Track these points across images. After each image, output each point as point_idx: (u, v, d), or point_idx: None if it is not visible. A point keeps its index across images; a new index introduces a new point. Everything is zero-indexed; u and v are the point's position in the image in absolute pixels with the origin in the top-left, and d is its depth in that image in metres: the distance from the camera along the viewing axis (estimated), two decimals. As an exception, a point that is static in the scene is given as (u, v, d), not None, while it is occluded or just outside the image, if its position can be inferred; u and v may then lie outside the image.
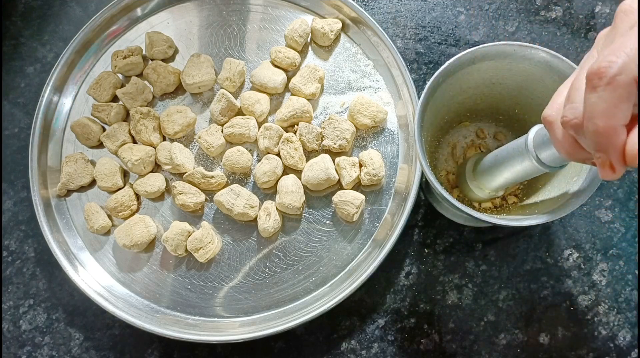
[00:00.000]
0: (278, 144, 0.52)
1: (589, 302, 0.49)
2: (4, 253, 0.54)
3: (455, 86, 0.43)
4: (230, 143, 0.54)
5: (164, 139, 0.55)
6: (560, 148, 0.29)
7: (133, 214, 0.52)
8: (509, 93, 0.44)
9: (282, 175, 0.52)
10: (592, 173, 0.37)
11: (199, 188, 0.52)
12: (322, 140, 0.52)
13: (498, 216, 0.45)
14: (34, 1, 0.63)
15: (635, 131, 0.23)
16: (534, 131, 0.34)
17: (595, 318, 0.49)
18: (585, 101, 0.24)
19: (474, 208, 0.48)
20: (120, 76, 0.57)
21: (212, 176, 0.51)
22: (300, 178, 0.51)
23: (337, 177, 0.50)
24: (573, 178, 0.39)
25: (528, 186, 0.47)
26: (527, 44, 0.39)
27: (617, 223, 0.51)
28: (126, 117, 0.56)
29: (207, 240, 0.50)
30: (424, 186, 0.52)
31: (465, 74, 0.42)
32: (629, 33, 0.24)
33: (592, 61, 0.24)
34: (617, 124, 0.23)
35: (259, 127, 0.53)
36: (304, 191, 0.51)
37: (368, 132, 0.53)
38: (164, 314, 0.50)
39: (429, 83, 0.39)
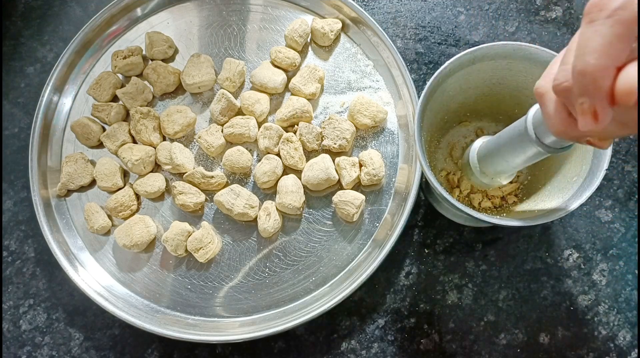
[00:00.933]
0: (278, 144, 0.52)
1: (589, 302, 0.49)
2: (4, 253, 0.54)
3: (455, 85, 0.43)
4: (230, 142, 0.54)
5: (164, 139, 0.55)
6: (552, 124, 0.26)
7: (133, 214, 0.52)
8: (509, 93, 0.44)
9: (282, 175, 0.52)
10: (592, 173, 0.37)
11: (199, 188, 0.52)
12: (322, 140, 0.52)
13: (498, 216, 0.45)
14: (34, 1, 0.63)
15: (630, 65, 0.20)
16: (533, 110, 0.33)
17: (595, 318, 0.49)
18: (579, 37, 0.22)
19: (473, 208, 0.48)
20: (120, 76, 0.57)
21: (212, 176, 0.51)
22: (300, 178, 0.51)
23: (337, 177, 0.50)
24: (573, 178, 0.39)
25: (528, 186, 0.47)
26: (527, 44, 0.39)
27: (617, 223, 0.51)
28: (126, 117, 0.56)
29: (207, 240, 0.50)
30: (424, 186, 0.52)
31: (465, 74, 0.42)
32: None
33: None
34: (610, 64, 0.21)
35: (259, 127, 0.53)
36: (304, 191, 0.51)
37: (368, 132, 0.53)
38: (164, 314, 0.50)
39: (429, 83, 0.39)
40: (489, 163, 0.41)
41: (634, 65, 0.20)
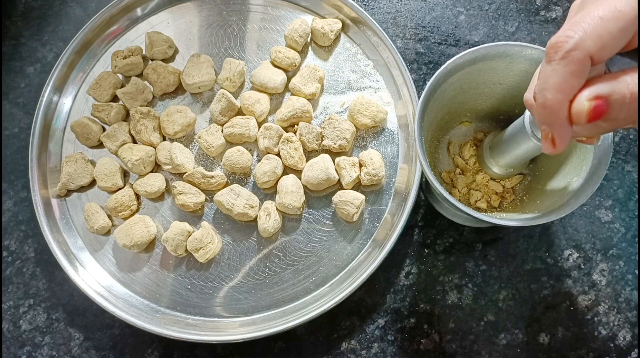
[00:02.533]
0: (278, 144, 0.52)
1: (589, 302, 0.49)
2: (4, 253, 0.54)
3: (455, 86, 0.43)
4: (230, 142, 0.54)
5: (164, 139, 0.55)
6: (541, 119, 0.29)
7: (133, 214, 0.52)
8: (509, 93, 0.44)
9: (282, 175, 0.52)
10: (592, 173, 0.37)
11: (199, 188, 0.52)
12: (322, 140, 0.52)
13: (498, 216, 0.45)
14: (34, 1, 0.63)
15: (579, 96, 0.23)
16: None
17: (595, 318, 0.49)
18: (540, 72, 0.25)
19: (476, 208, 0.48)
20: (120, 76, 0.57)
21: (212, 176, 0.51)
22: (300, 178, 0.51)
23: (337, 177, 0.50)
24: (573, 178, 0.39)
25: (528, 186, 0.47)
26: (528, 44, 0.39)
27: (617, 223, 0.51)
28: (126, 117, 0.56)
29: (207, 240, 0.50)
30: (424, 186, 0.52)
31: (466, 74, 0.42)
32: (591, 6, 0.24)
33: None
34: (564, 98, 0.24)
35: (259, 127, 0.53)
36: (304, 191, 0.51)
37: (368, 132, 0.53)
38: (164, 314, 0.50)
39: (429, 83, 0.39)
40: (500, 157, 0.44)
41: (583, 93, 0.23)
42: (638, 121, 0.23)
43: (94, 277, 0.51)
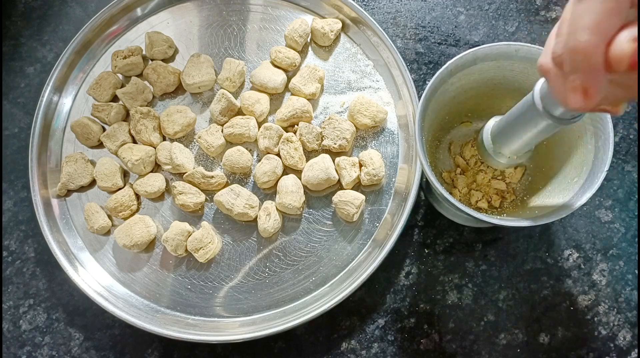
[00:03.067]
0: (278, 144, 0.52)
1: (589, 302, 0.49)
2: (4, 253, 0.54)
3: (456, 85, 0.43)
4: (230, 143, 0.54)
5: (164, 139, 0.55)
6: (564, 99, 0.26)
7: (133, 214, 0.52)
8: (510, 93, 0.44)
9: (282, 175, 0.52)
10: (592, 173, 0.37)
11: (199, 188, 0.52)
12: (322, 140, 0.52)
13: (498, 217, 0.45)
14: (34, 1, 0.63)
15: (620, 34, 0.21)
16: (539, 84, 0.32)
17: (595, 318, 0.49)
18: (570, 13, 0.22)
19: (477, 208, 0.48)
20: (120, 76, 0.57)
21: (212, 176, 0.51)
22: (300, 178, 0.51)
23: (337, 177, 0.50)
24: (574, 179, 0.39)
25: (529, 186, 0.47)
26: (529, 45, 0.39)
27: (617, 223, 0.51)
28: (126, 117, 0.56)
29: (207, 240, 0.50)
30: (424, 186, 0.52)
31: (467, 74, 0.42)
32: None
33: None
34: (601, 40, 0.21)
35: (259, 127, 0.53)
36: (304, 191, 0.51)
37: (368, 132, 0.53)
38: (164, 314, 0.50)
39: (430, 83, 0.39)
40: (504, 142, 0.40)
41: (623, 33, 0.20)
42: None
43: (94, 277, 0.51)
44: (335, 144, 0.51)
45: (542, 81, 0.32)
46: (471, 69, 0.41)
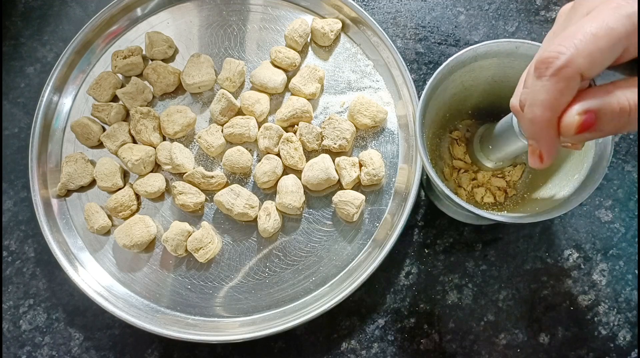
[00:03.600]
0: (278, 144, 0.52)
1: (589, 302, 0.49)
2: (4, 253, 0.54)
3: (457, 83, 0.43)
4: (230, 143, 0.54)
5: (164, 139, 0.55)
6: (527, 133, 0.30)
7: (133, 214, 0.52)
8: (510, 91, 0.44)
9: (282, 175, 0.52)
10: (593, 170, 0.37)
11: (199, 188, 0.52)
12: (322, 140, 0.52)
13: (499, 213, 0.45)
14: (34, 1, 0.63)
15: (568, 112, 0.24)
16: None
17: (595, 318, 0.49)
18: (529, 87, 0.25)
19: (476, 203, 0.47)
20: (120, 76, 0.57)
21: (212, 176, 0.51)
22: (300, 178, 0.51)
23: (337, 177, 0.50)
24: (574, 176, 0.39)
25: (529, 183, 0.47)
26: (529, 42, 0.39)
27: (617, 223, 0.51)
28: (126, 117, 0.56)
29: (207, 240, 0.50)
30: (425, 183, 0.52)
31: (467, 71, 0.42)
32: (583, 20, 0.24)
33: (549, 43, 0.25)
34: (553, 115, 0.24)
35: (259, 127, 0.53)
36: (304, 191, 0.51)
37: (368, 132, 0.53)
38: (164, 314, 0.50)
39: (430, 80, 0.39)
40: (490, 150, 0.44)
41: (574, 107, 0.24)
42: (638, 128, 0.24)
43: (94, 277, 0.51)
44: (335, 144, 0.51)
45: None
46: (472, 66, 0.41)
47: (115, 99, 0.56)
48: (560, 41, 0.23)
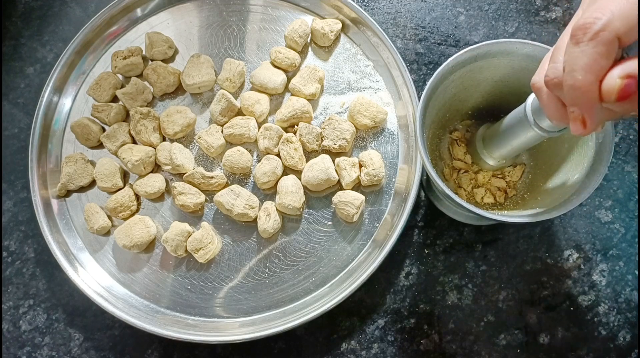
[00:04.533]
0: (278, 144, 0.52)
1: (589, 302, 0.49)
2: (4, 253, 0.54)
3: (457, 83, 0.43)
4: (230, 143, 0.54)
5: (164, 139, 0.55)
6: (548, 112, 0.30)
7: (133, 214, 0.52)
8: (510, 91, 0.44)
9: (282, 175, 0.52)
10: (593, 169, 0.37)
11: (198, 189, 0.52)
12: (322, 140, 0.52)
13: (499, 213, 0.45)
14: (34, 1, 0.63)
15: (610, 73, 0.24)
16: (531, 98, 0.36)
17: (595, 319, 0.49)
18: (567, 55, 0.25)
19: (477, 203, 0.47)
20: (120, 76, 0.57)
21: (212, 177, 0.51)
22: (300, 179, 0.51)
23: (337, 177, 0.50)
24: (574, 175, 0.39)
25: (529, 183, 0.47)
26: (529, 42, 0.39)
27: (617, 223, 0.51)
28: (126, 117, 0.56)
29: (207, 241, 0.50)
30: (425, 183, 0.52)
31: (467, 71, 0.42)
32: None
33: (582, 14, 0.25)
34: (595, 79, 0.24)
35: (259, 127, 0.53)
36: (304, 191, 0.51)
37: (368, 133, 0.53)
38: (163, 314, 0.50)
39: (430, 80, 0.39)
40: (494, 147, 0.44)
41: (614, 71, 0.24)
42: None
43: (93, 278, 0.51)
44: (335, 144, 0.51)
45: (533, 95, 0.36)
46: (471, 66, 0.41)
47: (115, 99, 0.56)
48: (595, 9, 0.24)
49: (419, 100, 0.40)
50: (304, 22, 0.55)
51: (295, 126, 0.53)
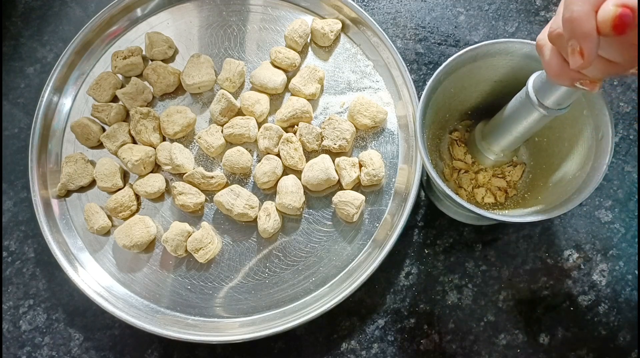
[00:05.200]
0: (278, 144, 0.52)
1: (589, 302, 0.49)
2: (4, 253, 0.54)
3: (456, 83, 0.43)
4: (230, 143, 0.54)
5: (164, 139, 0.55)
6: (549, 69, 0.31)
7: (133, 214, 0.52)
8: (510, 91, 0.44)
9: (282, 175, 0.52)
10: (594, 168, 0.37)
11: (198, 189, 0.52)
12: (322, 140, 0.52)
13: (500, 213, 0.45)
14: (34, 1, 0.63)
15: (605, 4, 0.24)
16: (532, 77, 0.36)
17: (595, 318, 0.49)
18: None
19: (477, 204, 0.47)
20: (120, 76, 0.57)
21: (212, 177, 0.51)
22: (300, 178, 0.51)
23: (337, 177, 0.50)
24: (574, 176, 0.39)
25: (530, 183, 0.47)
26: (528, 41, 0.39)
27: (617, 223, 0.51)
28: (126, 117, 0.56)
29: (207, 240, 0.50)
30: (425, 183, 0.52)
31: (467, 71, 0.42)
32: None
33: None
34: (591, 8, 0.25)
35: (259, 127, 0.53)
36: (304, 191, 0.51)
37: (368, 133, 0.53)
38: (163, 314, 0.50)
39: (430, 80, 0.39)
40: (494, 139, 0.43)
41: (606, 1, 0.24)
42: None
43: (93, 277, 0.51)
44: (335, 144, 0.51)
45: (534, 75, 0.36)
46: (472, 66, 0.41)
47: (115, 99, 0.56)
48: None
49: (419, 100, 0.40)
50: (304, 22, 0.55)
51: (295, 126, 0.53)
